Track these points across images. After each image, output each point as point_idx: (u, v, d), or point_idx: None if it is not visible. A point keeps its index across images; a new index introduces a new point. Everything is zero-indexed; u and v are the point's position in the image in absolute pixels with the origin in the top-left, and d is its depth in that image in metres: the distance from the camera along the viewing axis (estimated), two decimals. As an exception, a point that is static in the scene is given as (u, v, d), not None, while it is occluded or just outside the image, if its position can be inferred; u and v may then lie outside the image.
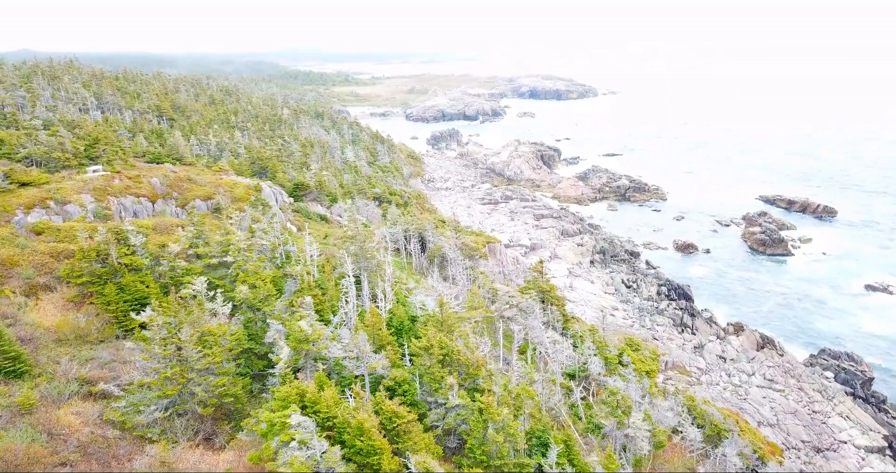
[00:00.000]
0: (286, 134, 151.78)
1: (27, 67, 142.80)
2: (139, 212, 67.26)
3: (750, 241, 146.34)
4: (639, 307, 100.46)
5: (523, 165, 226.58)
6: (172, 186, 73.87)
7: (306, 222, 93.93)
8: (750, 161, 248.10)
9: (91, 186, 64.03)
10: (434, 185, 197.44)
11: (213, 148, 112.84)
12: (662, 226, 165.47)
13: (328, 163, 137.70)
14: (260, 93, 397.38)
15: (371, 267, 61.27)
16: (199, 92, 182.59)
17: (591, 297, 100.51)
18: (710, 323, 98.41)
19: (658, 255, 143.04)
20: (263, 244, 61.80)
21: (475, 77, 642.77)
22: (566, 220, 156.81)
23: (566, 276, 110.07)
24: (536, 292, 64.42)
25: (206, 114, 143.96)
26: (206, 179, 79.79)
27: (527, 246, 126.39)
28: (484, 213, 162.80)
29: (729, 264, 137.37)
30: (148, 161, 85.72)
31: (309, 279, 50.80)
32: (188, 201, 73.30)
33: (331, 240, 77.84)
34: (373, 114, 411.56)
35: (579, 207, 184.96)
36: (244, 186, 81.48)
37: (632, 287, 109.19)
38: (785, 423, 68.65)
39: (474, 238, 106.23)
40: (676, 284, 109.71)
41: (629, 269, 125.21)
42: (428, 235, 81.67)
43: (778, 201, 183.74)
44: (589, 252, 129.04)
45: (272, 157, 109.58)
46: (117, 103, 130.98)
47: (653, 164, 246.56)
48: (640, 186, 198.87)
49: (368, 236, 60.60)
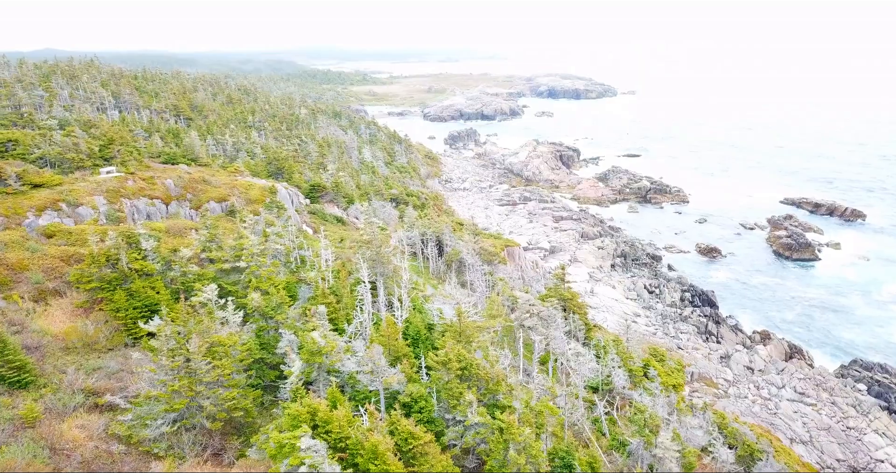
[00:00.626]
0: (303, 133, 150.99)
1: (47, 66, 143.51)
2: (152, 215, 66.40)
3: (776, 245, 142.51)
4: (662, 313, 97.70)
5: (542, 166, 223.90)
6: (187, 188, 72.96)
7: (322, 224, 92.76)
8: (772, 162, 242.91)
9: (104, 188, 63.24)
10: (451, 186, 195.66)
11: (229, 148, 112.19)
12: (685, 229, 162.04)
13: (345, 164, 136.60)
14: (278, 92, 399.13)
15: (387, 272, 59.72)
16: (217, 91, 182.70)
17: (613, 303, 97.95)
18: (736, 330, 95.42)
19: (680, 259, 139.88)
20: (277, 248, 60.56)
21: (493, 76, 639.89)
22: (586, 222, 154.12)
23: (587, 281, 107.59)
24: (558, 299, 62.44)
25: (224, 114, 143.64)
26: (221, 180, 78.83)
27: (546, 249, 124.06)
28: (502, 215, 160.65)
29: (754, 269, 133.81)
30: (163, 161, 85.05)
31: (323, 286, 49.37)
32: (202, 203, 72.36)
33: (346, 244, 76.44)
34: (390, 113, 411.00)
35: (599, 209, 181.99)
36: (259, 188, 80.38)
37: (654, 292, 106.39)
38: (818, 440, 65.68)
39: (492, 241, 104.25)
40: (700, 290, 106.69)
41: (651, 274, 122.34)
42: (445, 238, 79.96)
43: (803, 204, 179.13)
44: (610, 255, 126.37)
45: (289, 158, 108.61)
46: (135, 102, 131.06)
47: (673, 165, 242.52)
48: (662, 188, 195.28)
49: (385, 241, 59.00)
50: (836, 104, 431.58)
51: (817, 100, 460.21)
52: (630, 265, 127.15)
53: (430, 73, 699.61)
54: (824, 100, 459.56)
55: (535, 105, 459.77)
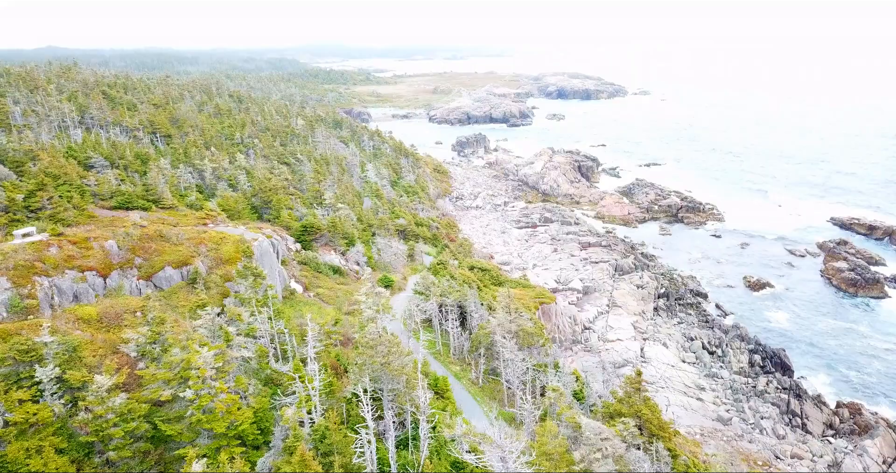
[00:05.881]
0: (299, 150, 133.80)
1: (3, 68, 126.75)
2: (82, 294, 49.44)
3: (836, 280, 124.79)
4: (731, 386, 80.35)
5: (560, 178, 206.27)
6: (136, 249, 55.96)
7: (315, 277, 75.76)
8: (809, 174, 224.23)
9: (11, 263, 46.30)
10: (463, 203, 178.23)
11: (208, 176, 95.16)
12: (726, 257, 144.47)
13: (346, 188, 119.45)
14: (278, 93, 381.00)
15: (398, 387, 42.79)
16: (206, 100, 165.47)
17: (670, 371, 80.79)
18: (819, 404, 78.06)
19: (728, 296, 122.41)
20: (245, 355, 43.60)
21: (499, 75, 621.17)
22: (617, 250, 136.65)
23: (633, 337, 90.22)
24: (633, 418, 45.37)
25: (209, 130, 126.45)
26: (186, 233, 61.78)
27: (579, 289, 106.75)
28: (521, 240, 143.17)
29: (815, 309, 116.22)
30: (116, 206, 68.12)
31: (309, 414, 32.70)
32: (156, 270, 55.37)
33: (343, 322, 59.40)
34: (395, 115, 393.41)
35: (627, 230, 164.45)
36: (234, 241, 63.34)
37: (715, 353, 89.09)
38: None
39: (520, 290, 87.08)
40: (771, 351, 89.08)
41: (700, 319, 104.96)
42: (470, 306, 62.82)
43: (855, 225, 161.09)
44: (651, 295, 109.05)
45: (278, 188, 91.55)
46: (104, 119, 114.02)
47: (699, 175, 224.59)
48: (694, 205, 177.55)
49: (394, 348, 42.03)
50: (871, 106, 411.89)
51: (849, 101, 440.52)
52: (674, 307, 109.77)
53: (435, 72, 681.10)
54: (859, 102, 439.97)
55: (545, 106, 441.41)
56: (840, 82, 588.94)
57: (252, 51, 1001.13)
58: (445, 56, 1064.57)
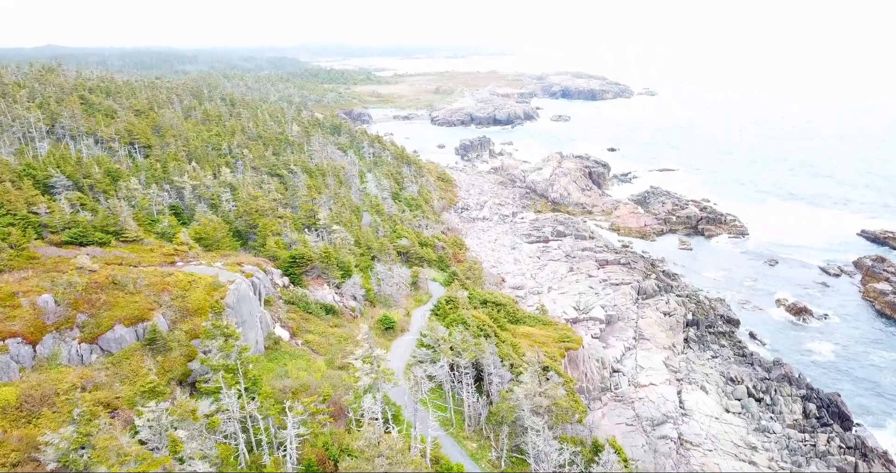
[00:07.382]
0: (293, 160, 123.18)
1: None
2: (1, 370, 38.93)
3: (879, 303, 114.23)
4: (787, 445, 69.64)
5: (570, 186, 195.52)
6: (79, 303, 45.43)
7: (304, 320, 65.21)
8: (829, 182, 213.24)
9: None
10: (469, 214, 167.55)
11: (188, 195, 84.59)
12: (754, 275, 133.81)
13: (343, 203, 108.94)
14: (276, 94, 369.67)
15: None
16: (195, 105, 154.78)
17: (715, 426, 70.24)
18: (887, 464, 67.66)
19: (762, 322, 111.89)
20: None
21: (502, 75, 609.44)
22: (637, 268, 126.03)
23: (668, 381, 79.45)
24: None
25: (194, 140, 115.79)
26: (147, 277, 51.24)
27: (601, 319, 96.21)
28: (533, 258, 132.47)
29: (861, 338, 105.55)
30: (68, 239, 57.54)
31: None
32: (103, 330, 44.84)
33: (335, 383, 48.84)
34: (396, 116, 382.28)
35: (644, 243, 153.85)
36: (205, 285, 52.78)
37: (762, 400, 78.49)
38: None
39: (540, 329, 76.55)
40: (828, 399, 78.42)
41: (735, 351, 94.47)
42: (488, 365, 52.26)
43: (889, 239, 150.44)
44: (679, 324, 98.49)
45: (265, 210, 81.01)
46: (77, 128, 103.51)
47: (716, 182, 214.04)
48: (714, 216, 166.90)
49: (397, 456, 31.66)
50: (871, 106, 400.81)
51: (848, 101, 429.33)
52: (706, 336, 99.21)
53: (437, 71, 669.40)
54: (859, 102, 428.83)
55: (550, 107, 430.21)
56: (840, 82, 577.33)
57: (252, 49, 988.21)
58: (446, 55, 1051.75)
